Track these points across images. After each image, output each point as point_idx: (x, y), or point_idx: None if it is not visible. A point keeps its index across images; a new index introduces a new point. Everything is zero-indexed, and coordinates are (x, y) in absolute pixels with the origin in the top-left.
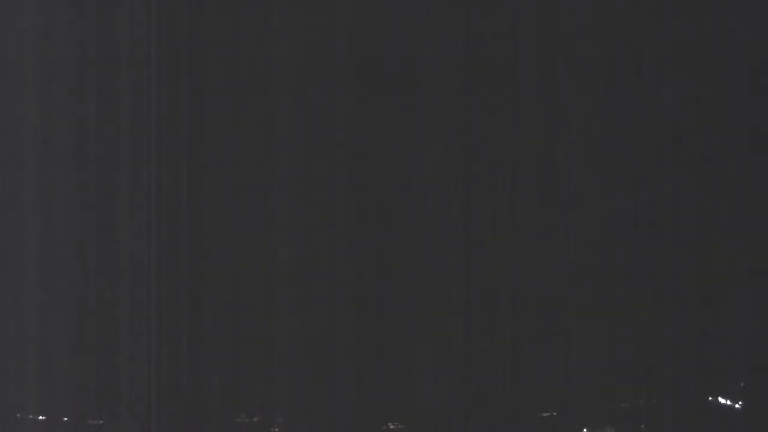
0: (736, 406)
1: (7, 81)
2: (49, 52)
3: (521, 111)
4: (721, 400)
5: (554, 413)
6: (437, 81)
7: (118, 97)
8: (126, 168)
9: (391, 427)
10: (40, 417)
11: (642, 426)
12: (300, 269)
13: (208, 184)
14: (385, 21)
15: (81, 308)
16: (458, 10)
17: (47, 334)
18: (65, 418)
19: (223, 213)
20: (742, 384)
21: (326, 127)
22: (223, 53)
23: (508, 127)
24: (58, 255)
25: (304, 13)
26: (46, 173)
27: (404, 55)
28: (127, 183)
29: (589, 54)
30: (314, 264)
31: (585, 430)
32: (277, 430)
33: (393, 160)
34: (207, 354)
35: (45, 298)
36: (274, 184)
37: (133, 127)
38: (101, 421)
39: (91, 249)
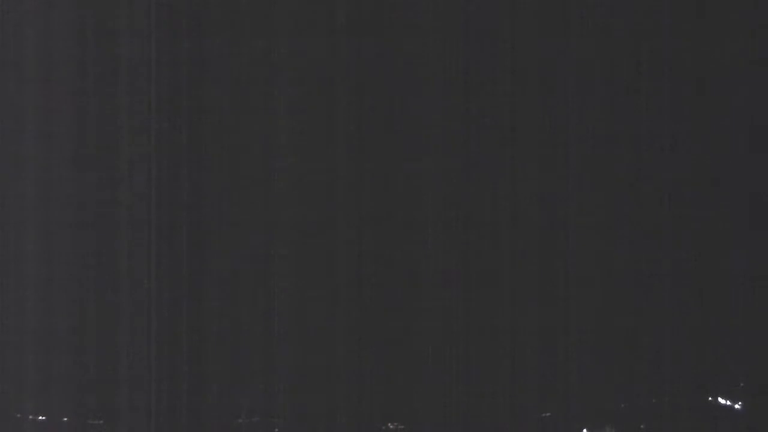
0: (736, 406)
1: (7, 81)
2: (49, 52)
3: (521, 111)
4: (721, 400)
5: (554, 413)
6: (438, 80)
7: (117, 97)
8: (126, 168)
9: (391, 427)
10: (40, 417)
11: (642, 426)
12: (300, 269)
13: (208, 184)
14: (386, 21)
15: (81, 308)
16: (458, 10)
17: (47, 334)
18: (65, 418)
19: (223, 213)
20: (741, 384)
21: (327, 127)
22: (223, 53)
23: (509, 126)
24: (58, 255)
25: (305, 13)
26: (45, 173)
27: (405, 55)
28: (127, 183)
29: (589, 54)
30: (314, 264)
31: (585, 430)
32: (277, 430)
33: (394, 159)
34: (207, 354)
35: (45, 298)
36: (275, 184)
37: (132, 127)
38: (101, 421)
39: (90, 249)
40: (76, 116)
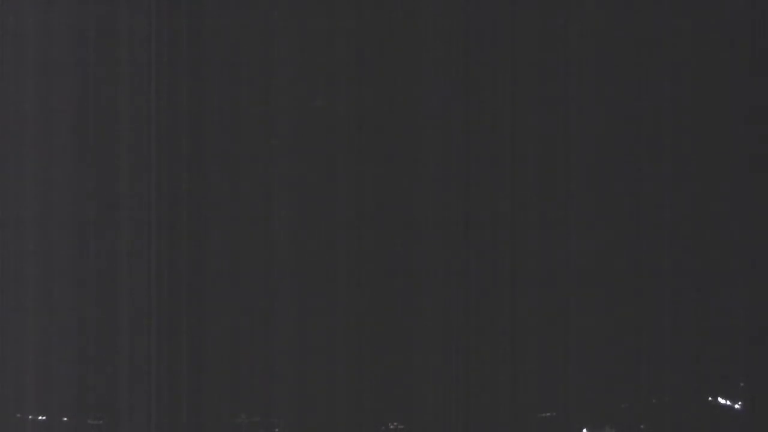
0: (736, 406)
1: (7, 81)
2: (49, 52)
3: (521, 110)
4: (721, 400)
5: (554, 413)
6: (438, 80)
7: (117, 97)
8: (126, 168)
9: (391, 427)
10: (40, 417)
11: (642, 426)
12: (300, 269)
13: (208, 184)
14: (386, 20)
15: (81, 308)
16: (458, 9)
17: (47, 335)
18: (65, 418)
19: (223, 213)
20: (741, 384)
21: (327, 128)
22: (223, 53)
23: (509, 126)
24: (58, 255)
25: (305, 13)
26: (45, 173)
27: (405, 55)
28: (127, 183)
29: (589, 54)
30: (314, 264)
31: (585, 430)
32: (277, 430)
33: (394, 159)
34: (207, 354)
35: (45, 298)
36: (275, 184)
37: (132, 128)
38: (101, 421)
39: (90, 249)
40: (77, 116)
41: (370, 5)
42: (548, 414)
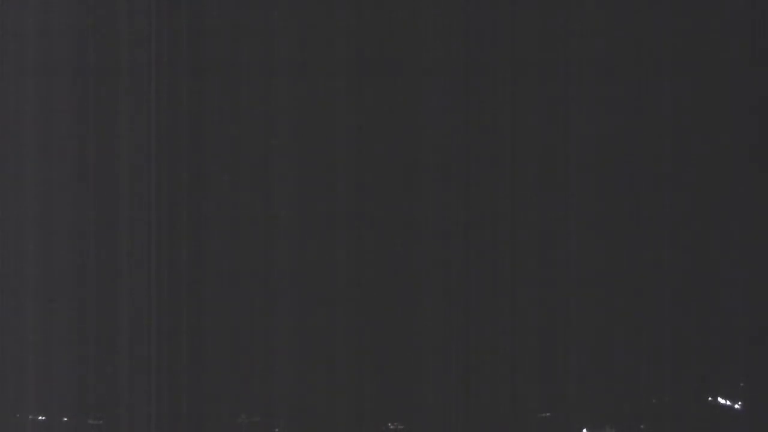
0: (736, 406)
1: (7, 81)
2: (49, 52)
3: (521, 110)
4: (721, 400)
5: (554, 413)
6: (438, 80)
7: (117, 97)
8: (126, 168)
9: (391, 427)
10: (40, 417)
11: (642, 426)
12: (300, 269)
13: (208, 184)
14: (386, 20)
15: (81, 308)
16: (458, 9)
17: (47, 334)
18: (65, 418)
19: (223, 213)
20: (741, 384)
21: (327, 127)
22: (223, 53)
23: (509, 126)
24: (58, 255)
25: (305, 13)
26: (45, 173)
27: (405, 55)
28: (127, 183)
29: (589, 54)
30: (314, 264)
31: (585, 430)
32: (277, 430)
33: (394, 158)
34: (207, 354)
35: (45, 298)
36: (275, 183)
37: (132, 128)
38: (101, 421)
39: (91, 249)
40: (77, 116)
41: (370, 5)
42: (548, 414)
